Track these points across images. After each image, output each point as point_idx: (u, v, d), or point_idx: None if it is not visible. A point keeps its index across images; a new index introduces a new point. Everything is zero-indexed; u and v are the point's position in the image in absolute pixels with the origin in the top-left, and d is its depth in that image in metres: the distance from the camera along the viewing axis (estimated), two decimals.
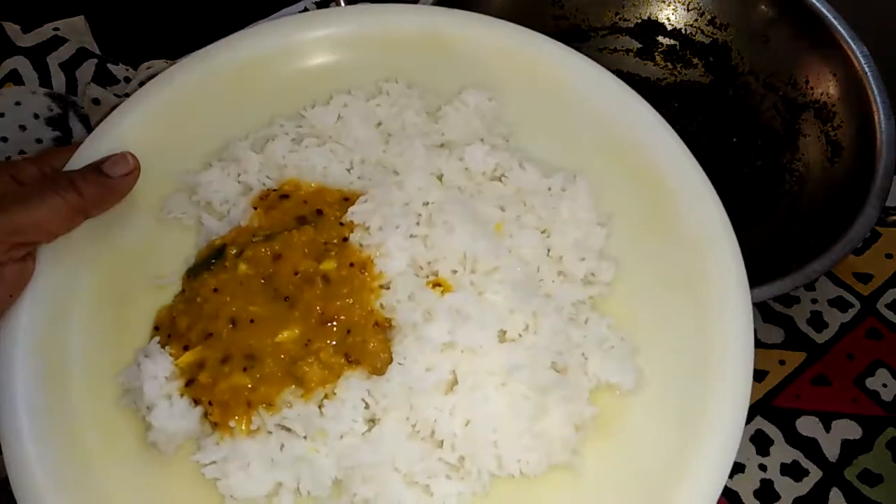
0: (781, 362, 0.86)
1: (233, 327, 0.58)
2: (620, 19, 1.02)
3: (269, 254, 0.60)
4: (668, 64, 1.02)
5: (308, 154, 0.66)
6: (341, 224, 0.62)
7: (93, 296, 0.61)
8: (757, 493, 0.79)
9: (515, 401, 0.56)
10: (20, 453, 0.55)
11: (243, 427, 0.56)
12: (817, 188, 0.87)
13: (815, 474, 0.80)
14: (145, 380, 0.57)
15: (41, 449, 0.55)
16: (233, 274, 0.60)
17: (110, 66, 0.97)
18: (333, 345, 0.58)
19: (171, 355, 0.58)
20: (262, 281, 0.60)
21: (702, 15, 0.99)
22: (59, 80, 0.97)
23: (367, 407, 0.57)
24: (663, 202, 0.64)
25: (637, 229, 0.64)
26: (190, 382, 0.58)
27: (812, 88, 0.90)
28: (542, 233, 0.64)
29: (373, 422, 0.57)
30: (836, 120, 0.87)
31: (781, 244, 0.84)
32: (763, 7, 0.94)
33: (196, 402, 0.57)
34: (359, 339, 0.58)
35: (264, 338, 0.58)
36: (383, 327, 0.59)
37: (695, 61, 1.01)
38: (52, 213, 0.57)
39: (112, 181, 0.60)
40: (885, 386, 0.85)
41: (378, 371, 0.57)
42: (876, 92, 0.82)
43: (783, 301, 0.90)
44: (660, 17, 1.01)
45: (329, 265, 0.60)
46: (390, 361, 0.57)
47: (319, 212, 0.63)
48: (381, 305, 0.59)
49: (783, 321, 0.89)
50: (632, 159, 0.66)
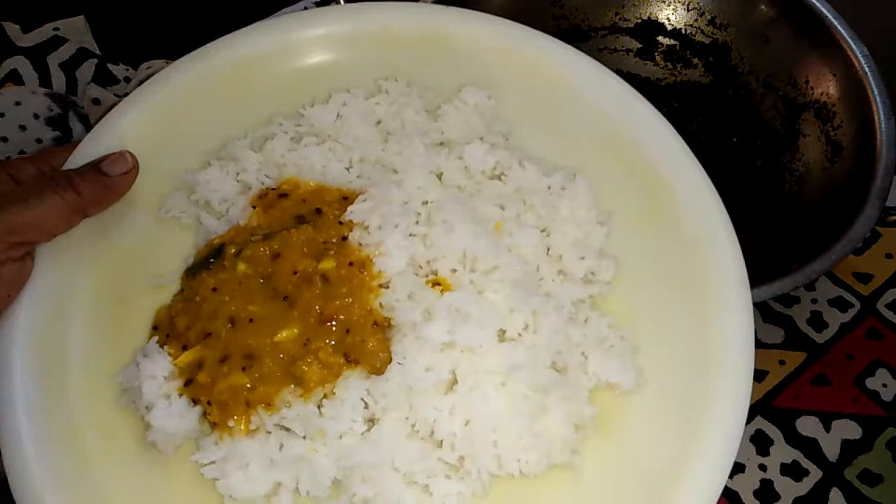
0: (781, 362, 0.86)
1: (231, 327, 0.58)
2: (620, 19, 1.02)
3: (267, 253, 0.60)
4: (668, 64, 1.02)
5: (307, 153, 0.66)
6: (340, 223, 0.62)
7: (91, 295, 0.61)
8: (757, 493, 0.79)
9: (515, 400, 0.56)
10: (19, 453, 0.55)
11: (242, 427, 0.56)
12: (817, 188, 0.87)
13: (815, 474, 0.80)
14: (144, 379, 0.57)
15: (40, 449, 0.55)
16: (232, 273, 0.60)
17: (110, 66, 0.98)
18: (332, 344, 0.58)
19: (169, 355, 0.58)
20: (261, 280, 0.60)
21: (702, 15, 0.99)
22: (59, 80, 0.97)
23: (367, 407, 0.57)
24: (663, 200, 0.64)
25: (637, 227, 0.64)
26: (189, 382, 0.58)
27: (812, 88, 0.90)
28: (542, 232, 0.64)
29: (372, 422, 0.57)
30: (836, 120, 0.87)
31: (781, 244, 0.84)
32: (763, 7, 0.94)
33: (195, 401, 0.57)
34: (358, 338, 0.58)
35: (263, 337, 0.58)
36: (382, 327, 0.59)
37: (695, 61, 1.01)
38: (50, 212, 0.57)
39: (110, 180, 0.60)
40: (885, 386, 0.85)
41: (377, 371, 0.57)
42: (876, 92, 0.82)
43: (783, 301, 0.90)
44: (660, 17, 1.01)
45: (328, 264, 0.60)
46: (389, 361, 0.57)
47: (318, 211, 0.63)
48: (381, 305, 0.59)
49: (783, 321, 0.89)
50: (631, 157, 0.66)
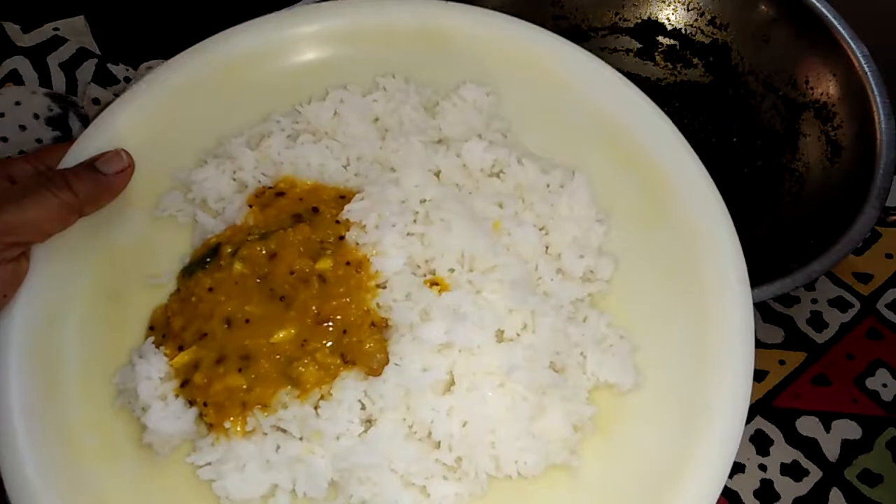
0: (781, 362, 0.86)
1: (228, 327, 0.58)
2: (620, 19, 1.02)
3: (264, 253, 0.60)
4: (668, 64, 1.02)
5: (304, 151, 0.66)
6: (337, 222, 0.62)
7: (87, 295, 0.61)
8: (757, 493, 0.79)
9: (513, 401, 0.56)
10: (14, 455, 0.55)
11: (238, 428, 0.56)
12: (817, 188, 0.87)
13: (815, 474, 0.80)
14: (140, 381, 0.57)
15: (36, 449, 0.55)
16: (228, 273, 0.60)
17: (110, 66, 0.97)
18: (329, 345, 0.57)
19: (165, 356, 0.58)
20: (258, 280, 0.60)
21: (702, 15, 0.99)
22: (59, 80, 0.97)
23: (364, 408, 0.56)
24: (662, 196, 0.63)
25: (636, 224, 0.64)
26: (185, 383, 0.57)
27: (812, 88, 0.89)
28: (541, 230, 0.63)
29: (369, 422, 0.57)
30: (836, 120, 0.86)
31: (781, 244, 0.84)
32: (763, 7, 0.94)
33: (191, 402, 0.57)
34: (355, 339, 0.58)
35: (259, 338, 0.58)
36: (380, 327, 0.58)
37: (695, 61, 1.00)
38: (46, 212, 0.57)
39: (106, 178, 0.60)
40: (885, 386, 0.84)
41: (374, 372, 0.57)
42: (876, 92, 0.82)
43: (783, 301, 0.90)
44: (660, 17, 1.01)
45: (325, 264, 0.59)
46: (387, 362, 0.57)
47: (315, 210, 0.63)
48: (378, 305, 0.59)
49: (783, 321, 0.89)
50: (631, 153, 0.65)
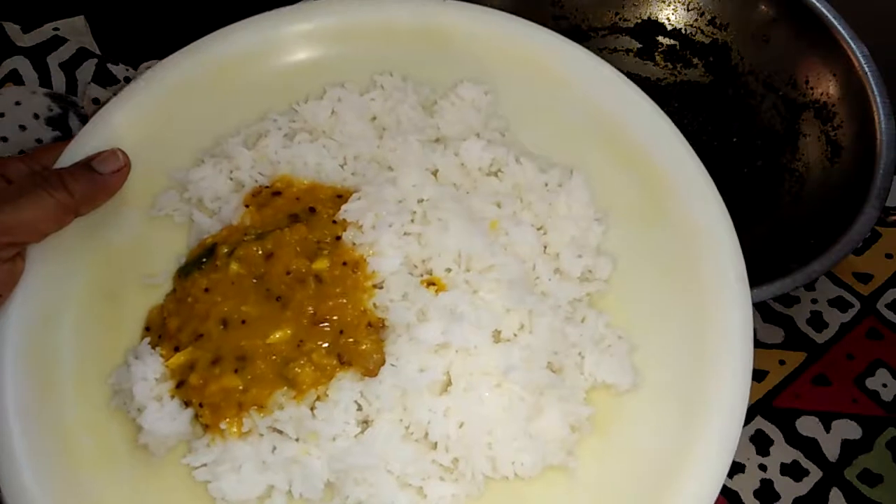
0: (781, 362, 0.86)
1: (224, 328, 0.58)
2: (620, 19, 1.02)
3: (260, 253, 0.60)
4: (668, 64, 1.02)
5: (301, 150, 0.65)
6: (334, 222, 0.61)
7: (83, 295, 0.60)
8: (757, 493, 0.79)
9: (510, 402, 0.56)
10: (10, 454, 0.54)
11: (234, 429, 0.55)
12: (817, 188, 0.87)
13: (815, 474, 0.80)
14: (135, 381, 0.57)
15: (31, 452, 0.55)
16: (224, 273, 0.59)
17: (110, 66, 0.97)
18: (326, 346, 0.57)
19: (161, 356, 0.58)
20: (254, 280, 0.59)
21: (702, 15, 0.99)
22: (59, 80, 0.97)
23: (360, 409, 0.56)
24: (661, 195, 0.63)
25: (634, 223, 0.63)
26: (181, 384, 0.57)
27: (812, 88, 0.89)
28: (539, 229, 0.63)
29: (366, 423, 0.56)
30: (836, 120, 0.86)
31: (781, 244, 0.84)
32: (763, 7, 0.94)
33: (187, 403, 0.57)
34: (351, 339, 0.57)
35: (256, 339, 0.57)
36: (376, 328, 0.58)
37: (695, 61, 1.00)
38: (42, 212, 0.56)
39: (102, 178, 0.60)
40: (885, 386, 0.84)
41: (370, 372, 0.57)
42: (876, 92, 0.82)
43: (783, 301, 0.90)
44: (660, 17, 1.01)
45: (322, 264, 0.59)
46: (383, 363, 0.57)
47: (312, 209, 0.62)
48: (375, 305, 0.58)
49: (783, 321, 0.89)
50: (629, 151, 0.65)
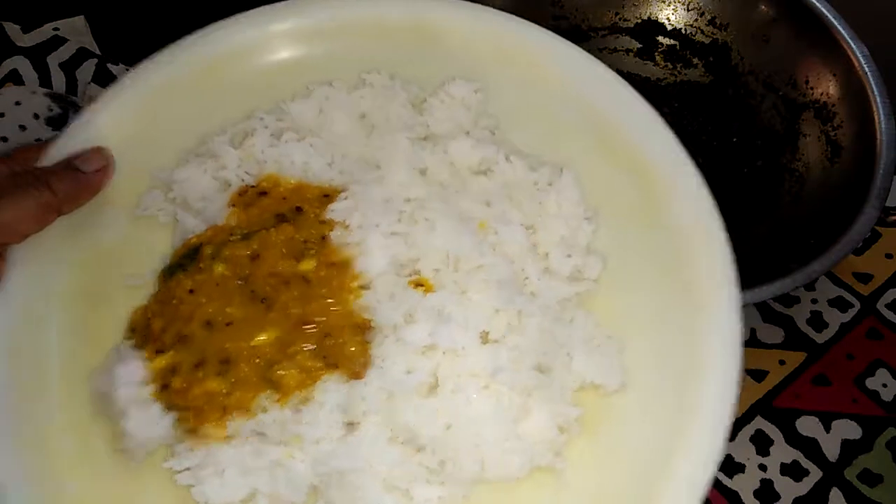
0: (781, 362, 0.86)
1: (208, 330, 0.56)
2: (620, 19, 1.02)
3: (246, 253, 0.58)
4: (668, 64, 1.02)
5: (288, 149, 0.64)
6: (321, 222, 0.60)
7: (66, 296, 0.59)
8: (757, 493, 0.79)
9: (498, 403, 0.55)
10: None
11: (218, 433, 0.54)
12: (817, 188, 0.87)
13: (815, 474, 0.80)
14: (118, 385, 0.55)
15: (14, 455, 0.54)
16: (209, 274, 0.58)
17: (110, 66, 0.98)
18: (311, 348, 0.56)
19: (145, 359, 0.57)
20: (239, 282, 0.58)
21: (702, 15, 0.99)
22: (59, 80, 0.97)
23: (346, 411, 0.55)
24: (652, 194, 0.61)
25: (624, 223, 0.62)
26: (163, 387, 0.56)
27: (812, 88, 0.90)
28: (528, 229, 0.62)
29: (351, 426, 0.55)
30: (836, 120, 0.87)
31: (781, 244, 0.84)
32: (763, 7, 0.94)
33: (169, 407, 0.56)
34: (337, 341, 0.56)
35: (240, 341, 0.56)
36: (363, 329, 0.57)
37: (695, 61, 1.01)
38: (23, 213, 0.55)
39: (85, 177, 0.59)
40: (885, 386, 0.84)
41: (356, 375, 0.55)
42: (876, 92, 0.82)
43: (783, 301, 0.90)
44: (660, 17, 1.01)
45: (308, 265, 0.58)
46: (369, 365, 0.56)
47: (299, 209, 0.61)
48: (361, 306, 0.57)
49: (783, 321, 0.89)
50: (620, 150, 0.63)
